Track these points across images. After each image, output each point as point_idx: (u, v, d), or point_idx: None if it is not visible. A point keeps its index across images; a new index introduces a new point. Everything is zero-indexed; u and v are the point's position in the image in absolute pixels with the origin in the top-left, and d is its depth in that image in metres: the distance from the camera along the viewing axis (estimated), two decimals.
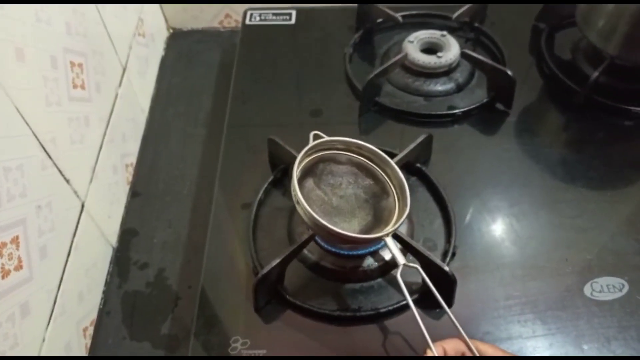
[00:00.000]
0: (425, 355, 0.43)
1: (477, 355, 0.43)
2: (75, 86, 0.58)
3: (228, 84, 0.73)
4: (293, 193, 0.47)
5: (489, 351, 0.44)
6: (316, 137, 0.52)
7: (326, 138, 0.52)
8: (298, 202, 0.47)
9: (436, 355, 0.43)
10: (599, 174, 0.62)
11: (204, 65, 0.88)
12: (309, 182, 0.51)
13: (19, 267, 0.45)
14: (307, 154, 0.51)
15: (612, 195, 0.61)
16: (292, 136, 0.59)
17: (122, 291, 0.63)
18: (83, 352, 0.57)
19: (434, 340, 0.43)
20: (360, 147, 0.53)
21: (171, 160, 0.76)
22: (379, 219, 0.51)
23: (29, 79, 0.49)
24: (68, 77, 0.57)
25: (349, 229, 0.50)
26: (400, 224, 0.48)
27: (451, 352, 0.44)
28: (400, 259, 0.47)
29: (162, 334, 0.60)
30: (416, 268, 0.47)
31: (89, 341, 0.59)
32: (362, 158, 0.53)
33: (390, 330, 0.50)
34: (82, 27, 0.61)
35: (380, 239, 0.48)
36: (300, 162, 0.50)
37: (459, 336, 0.44)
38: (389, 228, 0.48)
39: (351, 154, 0.53)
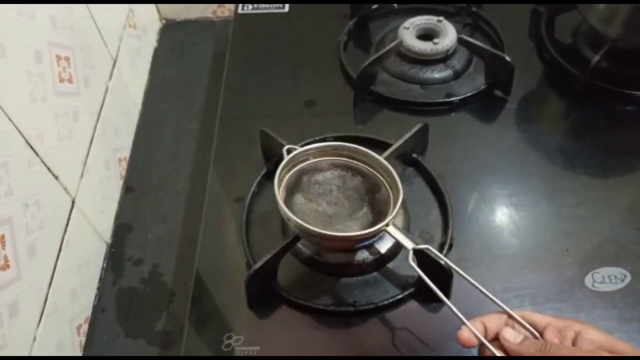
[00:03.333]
0: (461, 333, 0.38)
1: (528, 326, 0.38)
2: (62, 80, 0.57)
3: (222, 76, 0.72)
4: (281, 212, 0.47)
5: (539, 321, 0.38)
6: (289, 150, 0.52)
7: (299, 149, 0.51)
8: (289, 219, 0.46)
9: (474, 330, 0.38)
10: (599, 161, 0.61)
11: (197, 57, 0.87)
12: (298, 197, 0.51)
13: (5, 267, 0.44)
14: (285, 170, 0.50)
15: (613, 183, 0.59)
16: (287, 128, 0.57)
17: (116, 288, 0.63)
18: (77, 350, 0.57)
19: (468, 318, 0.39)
20: (336, 148, 0.52)
21: (165, 154, 0.75)
22: (378, 213, 0.50)
23: (12, 74, 0.48)
24: (54, 72, 0.55)
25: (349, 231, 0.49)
26: (397, 211, 0.47)
27: (493, 327, 0.39)
28: (408, 244, 0.45)
29: (157, 330, 0.59)
30: (427, 248, 0.45)
31: (83, 339, 0.58)
32: (343, 159, 0.52)
33: (386, 325, 0.49)
34: (68, 20, 0.59)
35: (380, 231, 0.46)
36: (280, 180, 0.49)
37: (500, 312, 0.39)
38: (387, 218, 0.46)
39: (331, 158, 0.52)
